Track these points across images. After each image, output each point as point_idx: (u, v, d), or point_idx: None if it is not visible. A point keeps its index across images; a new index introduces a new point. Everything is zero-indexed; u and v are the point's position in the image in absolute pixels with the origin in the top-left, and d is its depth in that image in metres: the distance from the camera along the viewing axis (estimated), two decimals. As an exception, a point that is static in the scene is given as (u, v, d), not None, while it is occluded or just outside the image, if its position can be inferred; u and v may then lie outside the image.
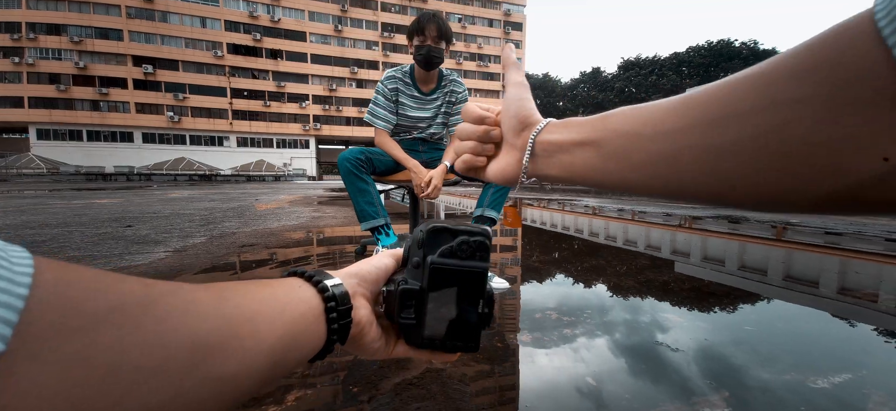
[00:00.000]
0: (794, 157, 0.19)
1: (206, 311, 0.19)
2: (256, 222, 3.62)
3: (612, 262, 2.01)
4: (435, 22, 1.57)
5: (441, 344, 0.32)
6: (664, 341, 1.03)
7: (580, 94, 65.22)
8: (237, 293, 0.22)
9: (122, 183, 21.31)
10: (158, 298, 0.18)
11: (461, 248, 0.31)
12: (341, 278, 0.31)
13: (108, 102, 35.96)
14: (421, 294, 0.31)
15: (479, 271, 0.31)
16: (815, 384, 0.81)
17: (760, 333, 1.10)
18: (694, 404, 0.74)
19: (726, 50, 54.68)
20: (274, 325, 0.23)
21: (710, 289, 1.53)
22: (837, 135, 0.18)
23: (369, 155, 1.57)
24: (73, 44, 34.36)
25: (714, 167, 0.22)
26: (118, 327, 0.15)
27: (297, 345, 0.25)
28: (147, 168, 35.50)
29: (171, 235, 2.82)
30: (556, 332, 1.08)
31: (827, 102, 0.18)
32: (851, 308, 1.32)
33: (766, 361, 0.92)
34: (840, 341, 1.07)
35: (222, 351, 0.19)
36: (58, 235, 2.77)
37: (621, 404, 0.74)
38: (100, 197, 7.43)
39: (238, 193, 9.19)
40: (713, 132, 0.22)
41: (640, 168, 0.26)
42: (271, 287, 0.26)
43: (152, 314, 0.17)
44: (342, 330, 0.29)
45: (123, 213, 4.31)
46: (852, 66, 0.17)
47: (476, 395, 0.78)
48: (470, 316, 0.32)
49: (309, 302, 0.27)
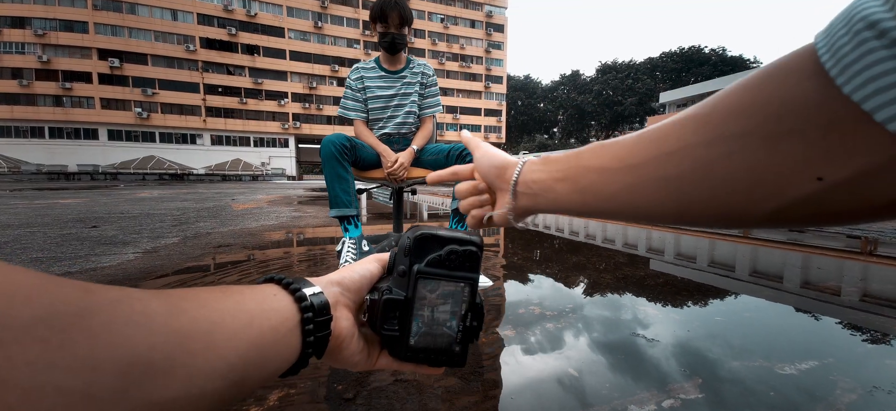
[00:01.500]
0: (740, 182, 0.21)
1: (152, 325, 0.17)
2: (233, 222, 3.52)
3: (592, 260, 2.06)
4: (396, 9, 1.62)
5: (425, 358, 0.31)
6: (641, 333, 1.06)
7: (560, 96, 66.42)
8: (196, 303, 0.20)
9: (87, 182, 20.28)
10: (97, 308, 0.15)
11: (450, 258, 0.30)
12: (322, 286, 0.29)
13: (72, 98, 34.16)
14: (405, 304, 0.30)
15: (468, 282, 0.30)
16: (782, 371, 0.86)
17: (730, 324, 1.15)
18: (668, 391, 0.77)
19: (697, 55, 56.79)
20: (236, 340, 0.21)
21: (683, 285, 1.59)
22: (776, 162, 0.20)
23: (354, 143, 1.56)
24: (36, 37, 32.52)
25: (672, 194, 0.25)
26: (42, 342, 0.13)
27: (264, 362, 0.23)
28: (113, 166, 33.93)
29: (140, 236, 2.70)
30: (539, 327, 1.10)
31: (765, 135, 0.20)
32: (814, 302, 1.39)
33: (736, 350, 0.96)
34: (804, 332, 1.13)
35: (165, 371, 0.17)
36: (19, 236, 2.61)
37: (601, 393, 0.76)
38: (63, 196, 7.05)
39: (213, 193, 8.90)
40: (669, 164, 0.25)
41: (612, 198, 0.29)
42: (241, 295, 0.23)
43: (86, 326, 0.15)
44: (319, 344, 0.27)
45: (89, 213, 4.10)
46: (788, 100, 0.19)
47: (458, 394, 0.78)
48: (457, 329, 0.30)
49: (283, 312, 0.25)
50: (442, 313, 0.30)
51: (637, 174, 0.27)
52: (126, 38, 34.55)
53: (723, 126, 0.22)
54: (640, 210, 0.28)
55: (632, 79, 56.94)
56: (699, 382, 0.81)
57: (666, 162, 0.25)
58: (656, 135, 0.26)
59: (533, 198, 0.37)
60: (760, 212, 0.22)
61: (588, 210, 0.33)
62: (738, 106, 0.21)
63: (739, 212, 0.23)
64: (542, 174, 0.35)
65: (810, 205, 0.20)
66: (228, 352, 0.20)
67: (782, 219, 0.21)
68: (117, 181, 22.44)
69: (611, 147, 0.30)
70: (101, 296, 0.16)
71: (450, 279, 0.30)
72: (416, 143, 1.69)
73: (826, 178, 0.18)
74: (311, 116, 40.57)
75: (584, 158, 0.32)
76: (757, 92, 0.21)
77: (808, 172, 0.19)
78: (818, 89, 0.18)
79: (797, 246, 2.45)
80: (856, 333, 1.10)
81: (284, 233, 2.91)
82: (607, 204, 0.30)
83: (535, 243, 2.55)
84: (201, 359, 0.19)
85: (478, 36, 46.43)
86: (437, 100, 1.80)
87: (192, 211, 4.54)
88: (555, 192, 0.34)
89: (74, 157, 34.27)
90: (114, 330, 0.16)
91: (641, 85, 55.62)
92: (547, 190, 0.35)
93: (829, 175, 0.18)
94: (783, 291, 1.50)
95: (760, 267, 1.92)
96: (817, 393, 0.77)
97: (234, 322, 0.21)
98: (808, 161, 0.19)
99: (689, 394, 0.76)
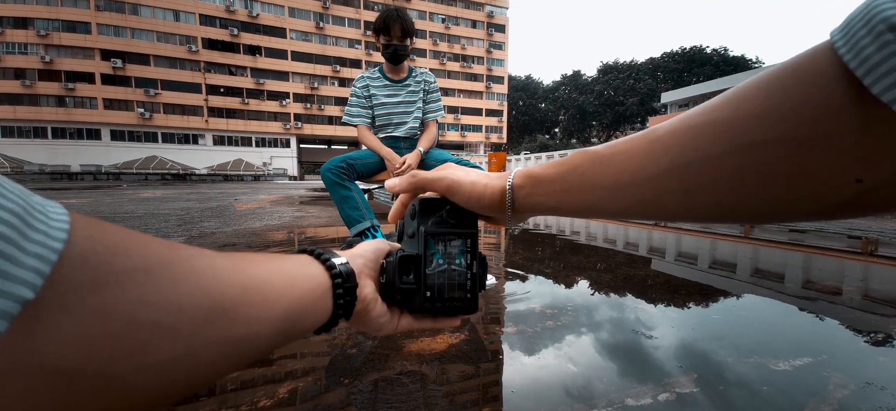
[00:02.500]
0: (773, 189, 0.20)
1: (222, 276, 0.21)
2: (237, 222, 3.55)
3: (592, 260, 2.08)
4: (399, 22, 1.67)
5: (442, 307, 0.34)
6: (640, 331, 1.08)
7: (562, 96, 66.36)
8: (251, 263, 0.24)
9: (90, 182, 20.36)
10: (179, 261, 0.19)
11: (451, 215, 0.35)
12: (349, 257, 0.33)
13: (75, 98, 34.28)
14: (418, 260, 0.33)
15: (470, 234, 0.34)
16: (776, 366, 0.88)
17: (730, 324, 1.17)
18: (666, 385, 0.79)
19: (699, 56, 56.62)
20: (283, 296, 0.24)
21: (683, 284, 1.61)
22: (811, 168, 0.19)
23: (351, 161, 1.62)
24: (39, 38, 32.62)
25: (696, 203, 0.24)
26: (140, 285, 0.16)
27: (303, 318, 0.26)
28: (116, 167, 34.01)
29: (147, 235, 2.73)
30: (540, 325, 1.12)
31: (798, 141, 0.19)
32: (815, 303, 1.41)
33: (734, 348, 0.98)
34: (801, 329, 1.15)
35: (233, 315, 0.20)
36: (24, 236, 2.64)
37: (598, 388, 0.78)
38: (67, 196, 7.09)
39: (215, 193, 8.94)
40: (690, 175, 0.23)
41: (622, 212, 0.28)
42: (282, 261, 0.27)
43: (172, 275, 0.18)
44: (347, 307, 0.30)
45: (93, 213, 4.14)
46: (819, 104, 0.18)
47: (461, 392, 0.80)
48: (465, 276, 0.34)
49: (317, 278, 0.28)
50: (452, 264, 0.34)
51: (652, 188, 0.25)
52: (128, 38, 34.66)
53: (748, 134, 0.20)
54: (655, 217, 0.27)
55: (633, 79, 56.87)
56: (695, 376, 0.83)
57: (684, 173, 0.23)
58: (668, 144, 0.24)
59: (527, 214, 0.36)
60: (795, 215, 0.21)
61: (590, 216, 0.32)
62: (762, 112, 0.20)
63: (772, 214, 0.22)
64: (536, 198, 0.33)
65: (851, 204, 0.19)
66: (277, 305, 0.24)
67: (820, 217, 0.21)
68: (120, 181, 22.53)
69: (614, 160, 0.28)
70: (180, 252, 0.19)
71: (453, 234, 0.34)
72: (422, 146, 1.74)
73: (865, 180, 0.18)
74: (313, 116, 40.64)
75: (584, 175, 0.29)
76: (783, 96, 0.20)
77: (847, 176, 0.18)
78: (848, 92, 0.17)
79: (799, 246, 2.47)
80: (857, 333, 1.12)
81: (288, 233, 2.93)
82: (615, 215, 0.29)
83: (535, 244, 2.57)
84: (258, 309, 0.22)
85: (479, 36, 46.42)
86: (439, 104, 1.85)
87: (196, 211, 4.57)
88: (551, 209, 0.33)
89: (77, 158, 34.40)
90: (193, 279, 0.19)
91: (643, 85, 55.54)
92: (542, 207, 0.33)
93: (868, 177, 0.18)
94: (784, 291, 1.52)
95: (762, 266, 1.94)
96: (810, 388, 0.79)
97: (280, 281, 0.25)
98: (845, 165, 0.18)
99: (684, 389, 0.78)
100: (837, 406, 0.73)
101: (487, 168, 1.55)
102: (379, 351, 0.94)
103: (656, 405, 0.73)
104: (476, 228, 0.35)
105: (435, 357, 0.92)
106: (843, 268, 1.89)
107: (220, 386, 0.78)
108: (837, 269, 1.87)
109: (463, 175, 0.36)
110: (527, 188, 0.33)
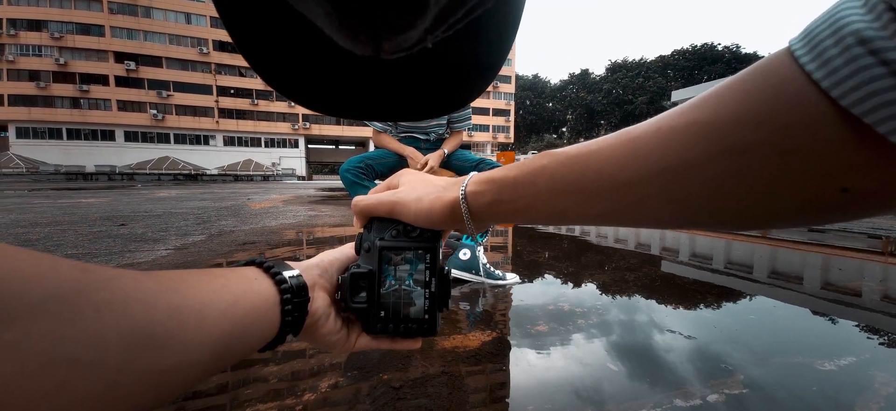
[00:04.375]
0: (758, 196, 0.20)
1: (150, 300, 0.19)
2: (253, 221, 3.59)
3: (603, 260, 2.06)
4: None
5: (395, 329, 0.31)
6: (678, 331, 1.07)
7: (569, 95, 65.95)
8: (187, 283, 0.22)
9: (105, 182, 20.74)
10: (99, 285, 0.17)
11: (409, 227, 0.31)
12: (302, 269, 0.30)
13: (89, 100, 34.94)
14: (371, 276, 0.31)
15: (429, 248, 0.31)
16: (822, 367, 0.86)
17: (762, 323, 1.15)
18: (712, 386, 0.78)
19: (710, 53, 55.83)
20: (223, 318, 0.22)
21: (698, 286, 1.59)
22: (794, 175, 0.18)
23: (369, 161, 1.61)
24: (53, 40, 33.31)
25: (679, 208, 0.23)
26: (55, 317, 0.15)
27: (245, 338, 0.24)
28: (129, 167, 34.60)
29: (168, 233, 2.77)
30: (553, 327, 1.11)
31: (778, 147, 0.18)
32: (832, 305, 1.38)
33: (773, 349, 0.97)
34: (834, 331, 1.13)
35: (163, 344, 0.18)
36: (51, 233, 2.70)
37: (610, 392, 0.77)
38: (85, 196, 7.23)
39: (228, 193, 9.05)
40: (672, 180, 0.22)
41: (599, 217, 0.26)
42: (225, 277, 0.25)
43: (91, 303, 0.16)
44: (296, 323, 0.28)
45: (113, 212, 4.21)
46: (790, 114, 0.18)
47: (473, 391, 0.80)
48: (423, 296, 0.31)
49: (264, 293, 0.26)
50: (407, 282, 0.31)
51: (634, 193, 0.23)
52: (141, 40, 35.24)
53: (728, 138, 0.20)
54: (634, 223, 0.25)
55: (643, 77, 56.29)
56: (740, 378, 0.82)
57: (668, 178, 0.22)
58: (650, 147, 0.23)
59: (492, 222, 0.31)
60: (782, 222, 0.21)
61: (560, 223, 0.29)
62: (740, 116, 0.19)
63: (757, 220, 0.21)
64: (501, 205, 0.29)
65: (839, 211, 0.19)
66: (216, 329, 0.22)
67: (808, 224, 0.20)
68: (134, 181, 22.92)
69: (590, 162, 0.25)
70: (101, 274, 0.17)
71: (410, 248, 0.31)
72: (447, 147, 1.72)
73: (852, 189, 0.18)
74: (321, 117, 40.86)
75: (554, 177, 0.26)
76: (759, 100, 0.19)
77: (831, 184, 0.18)
78: (818, 103, 0.17)
79: (818, 246, 2.42)
80: (874, 335, 1.10)
81: (306, 232, 2.96)
82: (591, 221, 0.27)
83: (544, 244, 2.55)
84: (194, 334, 0.20)
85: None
86: (468, 114, 1.81)
87: (212, 210, 4.63)
88: (518, 215, 0.29)
89: (91, 158, 35.07)
90: (115, 306, 0.17)
91: (652, 83, 54.95)
92: (507, 214, 0.30)
93: (853, 185, 0.18)
94: (803, 292, 1.49)
95: (779, 268, 1.91)
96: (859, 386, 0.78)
97: (221, 301, 0.23)
98: (827, 174, 0.18)
99: (732, 390, 0.77)
100: (883, 403, 0.72)
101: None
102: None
103: (705, 406, 0.72)
104: (436, 242, 0.31)
105: (470, 355, 0.91)
106: (863, 269, 1.85)
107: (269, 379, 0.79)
108: (858, 270, 1.83)
109: (407, 192, 0.33)
110: (489, 194, 0.29)
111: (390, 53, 0.13)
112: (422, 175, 0.35)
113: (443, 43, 0.14)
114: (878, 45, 0.16)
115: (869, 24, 0.16)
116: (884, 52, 0.15)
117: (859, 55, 0.16)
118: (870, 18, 0.16)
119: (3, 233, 2.74)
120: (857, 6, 0.17)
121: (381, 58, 0.14)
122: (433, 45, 0.13)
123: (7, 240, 2.39)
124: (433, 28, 0.12)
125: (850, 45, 0.16)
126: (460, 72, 0.19)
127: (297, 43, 0.17)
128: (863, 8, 0.17)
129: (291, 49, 0.18)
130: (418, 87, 0.19)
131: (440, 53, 0.16)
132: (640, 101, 54.63)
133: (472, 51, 0.17)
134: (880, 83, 0.16)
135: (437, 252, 0.31)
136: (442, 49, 0.15)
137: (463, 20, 0.13)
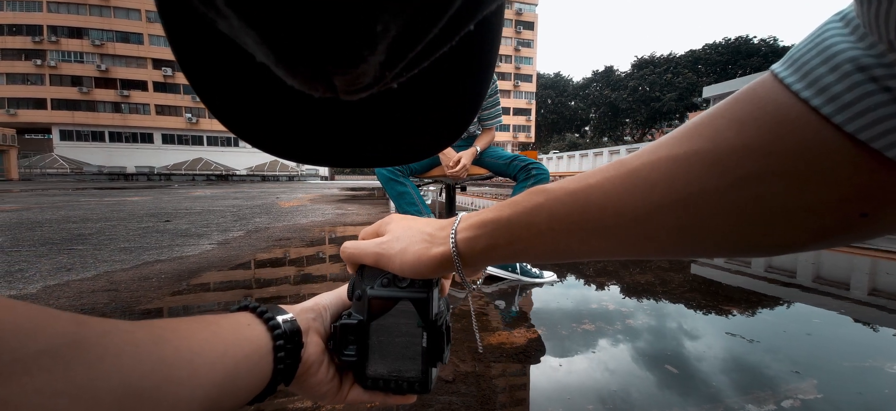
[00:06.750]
0: (776, 222, 0.19)
1: (141, 353, 0.18)
2: (285, 218, 3.69)
3: (627, 264, 2.00)
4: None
5: (385, 385, 0.29)
6: (739, 334, 1.02)
7: (592, 93, 64.58)
8: (177, 333, 0.21)
9: (144, 182, 21.90)
10: (91, 340, 0.17)
11: (399, 276, 0.29)
12: (297, 312, 0.29)
13: (129, 104, 37.00)
14: (361, 328, 0.29)
15: (419, 299, 0.29)
16: (892, 369, 0.81)
17: (832, 328, 1.09)
18: (787, 390, 0.74)
19: (744, 47, 53.40)
20: (214, 368, 0.22)
21: (730, 293, 1.51)
22: (811, 201, 0.18)
23: None
24: (94, 47, 35.46)
25: (694, 239, 0.22)
26: (47, 372, 0.15)
27: (237, 389, 0.23)
28: (166, 168, 36.45)
29: (209, 229, 2.89)
30: (600, 325, 1.08)
31: (792, 175, 0.18)
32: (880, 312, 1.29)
33: (843, 353, 0.91)
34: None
35: (154, 398, 0.18)
36: (103, 228, 2.87)
37: (640, 403, 0.74)
38: (129, 195, 7.65)
39: (258, 192, 9.36)
40: (684, 211, 0.21)
41: (606, 252, 0.25)
42: (216, 324, 0.24)
43: (84, 357, 0.16)
44: (288, 371, 0.27)
45: (157, 209, 4.44)
46: (794, 142, 0.18)
47: (502, 391, 0.79)
48: (415, 350, 0.29)
49: (256, 341, 0.25)
50: (398, 335, 0.29)
51: (645, 227, 0.23)
52: (176, 47, 36.99)
53: (739, 167, 0.19)
54: (644, 256, 0.24)
55: (671, 73, 54.44)
56: (814, 383, 0.77)
57: (679, 210, 0.21)
58: (650, 178, 0.22)
59: (486, 264, 0.30)
60: (801, 244, 0.20)
61: (562, 260, 0.27)
62: (744, 144, 0.19)
63: (776, 246, 0.21)
64: (498, 250, 0.28)
65: (860, 233, 0.18)
66: (206, 380, 0.21)
67: (829, 246, 0.20)
68: (171, 181, 24.09)
69: (591, 197, 0.24)
70: (93, 328, 0.17)
71: (402, 299, 0.29)
72: (479, 145, 1.72)
73: (871, 214, 0.17)
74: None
75: (553, 216, 0.25)
76: (758, 128, 0.19)
77: (850, 209, 0.18)
78: (822, 129, 0.17)
79: (866, 250, 2.27)
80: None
81: (339, 229, 3.02)
82: (598, 257, 0.25)
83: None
84: (185, 388, 0.20)
85: (507, 34, 45.94)
86: (498, 111, 1.80)
87: (246, 208, 4.80)
88: (516, 256, 0.28)
89: (131, 160, 37.16)
90: (108, 360, 0.17)
91: (682, 79, 53.04)
92: (503, 256, 0.28)
93: (872, 210, 0.17)
94: (848, 298, 1.40)
95: (824, 273, 1.79)
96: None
97: (212, 351, 0.22)
98: (845, 199, 0.17)
99: (807, 395, 0.73)
100: None
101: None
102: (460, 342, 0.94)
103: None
104: (429, 291, 0.29)
105: (518, 351, 0.90)
106: (944, 272, 1.71)
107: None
108: (938, 273, 1.69)
109: (390, 243, 0.31)
110: (483, 239, 0.28)
111: (348, 93, 0.12)
112: (408, 221, 0.33)
113: (409, 83, 0.13)
114: (878, 73, 0.16)
115: (857, 46, 0.16)
116: (884, 80, 0.15)
117: (860, 82, 0.16)
118: (853, 39, 0.16)
119: (58, 228, 2.93)
120: (838, 27, 0.17)
121: (341, 99, 0.12)
122: (399, 86, 0.13)
123: (63, 235, 2.56)
124: (390, 64, 0.11)
125: (848, 72, 0.16)
126: (436, 112, 0.18)
127: (252, 86, 0.15)
128: (846, 28, 0.17)
129: (247, 93, 0.16)
130: (389, 131, 0.18)
131: (409, 94, 0.15)
132: (669, 98, 52.77)
133: (445, 92, 0.17)
134: (886, 110, 0.15)
135: (428, 303, 0.29)
136: (410, 89, 0.14)
137: (426, 58, 0.12)
